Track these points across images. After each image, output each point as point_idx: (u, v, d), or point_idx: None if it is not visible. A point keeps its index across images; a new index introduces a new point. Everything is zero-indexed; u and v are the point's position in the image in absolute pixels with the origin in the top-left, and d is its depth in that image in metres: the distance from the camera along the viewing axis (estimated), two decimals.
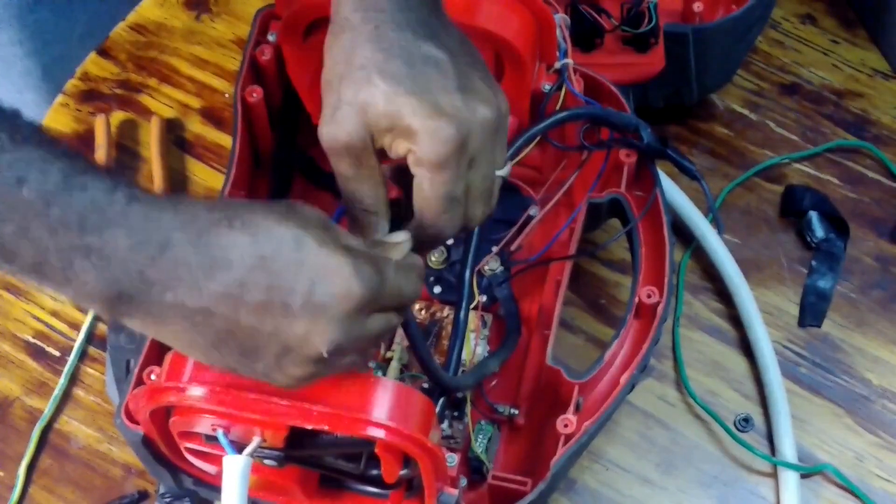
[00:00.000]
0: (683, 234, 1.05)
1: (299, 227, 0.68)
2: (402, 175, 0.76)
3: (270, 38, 0.98)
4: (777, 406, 0.98)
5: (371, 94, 0.73)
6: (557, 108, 0.93)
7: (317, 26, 0.95)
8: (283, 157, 1.01)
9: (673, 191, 1.04)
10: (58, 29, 1.21)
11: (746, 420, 0.99)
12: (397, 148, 0.74)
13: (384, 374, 0.91)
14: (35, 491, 0.97)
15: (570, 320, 1.02)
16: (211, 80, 1.13)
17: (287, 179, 1.01)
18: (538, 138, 0.90)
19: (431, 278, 0.96)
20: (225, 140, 1.09)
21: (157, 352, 0.86)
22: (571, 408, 0.87)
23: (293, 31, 0.95)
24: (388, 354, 0.93)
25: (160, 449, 0.82)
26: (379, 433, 0.72)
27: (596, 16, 1.04)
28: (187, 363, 0.74)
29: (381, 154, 0.75)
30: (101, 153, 1.06)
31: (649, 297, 0.90)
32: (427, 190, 0.74)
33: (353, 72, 0.74)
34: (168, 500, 0.92)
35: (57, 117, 1.11)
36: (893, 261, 1.05)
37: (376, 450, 0.74)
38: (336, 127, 0.74)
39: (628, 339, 0.91)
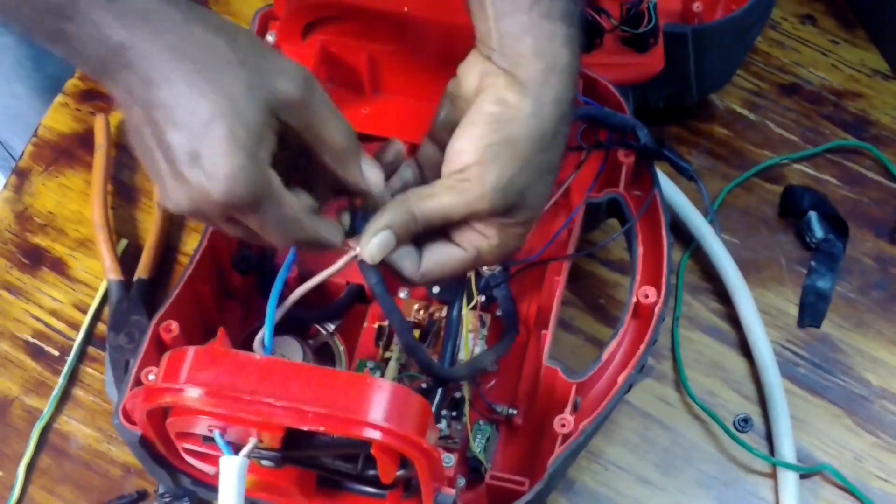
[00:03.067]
0: (683, 234, 1.05)
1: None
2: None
3: (269, 38, 0.98)
4: (776, 406, 0.98)
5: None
6: None
7: (315, 26, 0.95)
8: None
9: (672, 191, 1.04)
10: None
11: (746, 420, 0.99)
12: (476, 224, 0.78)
13: (382, 375, 0.92)
14: (34, 490, 0.97)
15: (569, 320, 1.02)
16: None
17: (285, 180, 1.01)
18: None
19: None
20: None
21: (156, 352, 0.86)
22: (569, 407, 0.87)
23: (292, 31, 0.95)
24: (387, 355, 0.93)
25: (158, 449, 0.83)
26: (375, 434, 0.72)
27: (595, 16, 1.04)
28: (184, 364, 0.74)
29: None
30: (100, 153, 1.06)
31: (647, 297, 0.90)
32: (455, 264, 0.80)
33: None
34: (167, 499, 0.92)
35: (56, 117, 1.11)
36: (893, 261, 1.05)
37: (372, 451, 0.74)
38: None
39: (626, 339, 0.91)
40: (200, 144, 0.70)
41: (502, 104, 0.77)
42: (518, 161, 0.76)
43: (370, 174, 0.77)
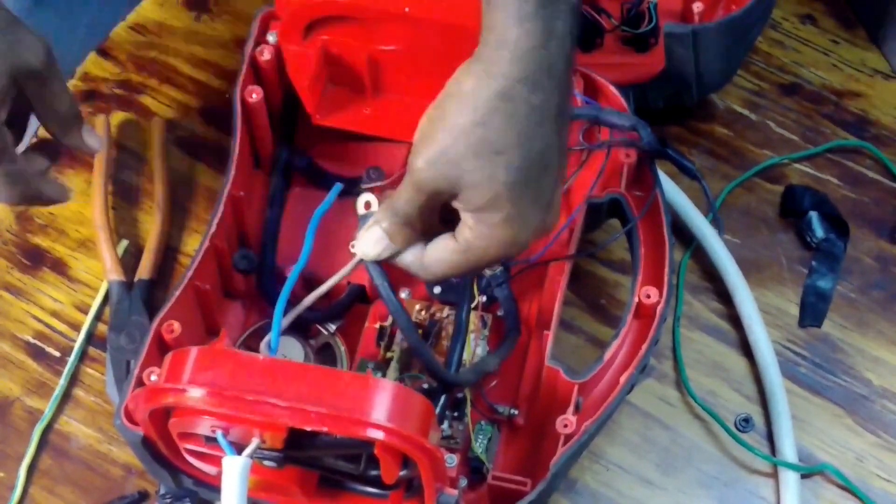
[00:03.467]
0: (683, 234, 1.05)
1: None
2: None
3: (270, 38, 0.98)
4: (777, 406, 0.98)
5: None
6: None
7: (316, 26, 0.95)
8: (282, 158, 1.01)
9: (673, 191, 1.04)
10: (60, 30, 1.21)
11: (746, 420, 0.99)
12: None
13: (384, 375, 0.92)
14: (35, 491, 0.97)
15: (570, 320, 1.02)
16: (211, 80, 1.13)
17: (286, 180, 1.01)
18: None
19: None
20: (225, 140, 1.09)
21: (157, 353, 0.86)
22: (571, 408, 0.87)
23: (293, 31, 0.95)
24: (388, 355, 0.93)
25: (160, 450, 0.83)
26: (378, 434, 0.72)
27: (596, 16, 1.04)
28: (187, 364, 0.74)
29: None
30: (100, 153, 1.06)
31: (649, 297, 0.90)
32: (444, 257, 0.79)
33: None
34: (168, 500, 0.92)
35: None
36: (893, 261, 1.05)
37: (375, 451, 0.74)
38: None
39: (628, 339, 0.91)
40: None
41: (453, 82, 0.76)
42: (448, 135, 0.74)
43: (89, 139, 0.88)
